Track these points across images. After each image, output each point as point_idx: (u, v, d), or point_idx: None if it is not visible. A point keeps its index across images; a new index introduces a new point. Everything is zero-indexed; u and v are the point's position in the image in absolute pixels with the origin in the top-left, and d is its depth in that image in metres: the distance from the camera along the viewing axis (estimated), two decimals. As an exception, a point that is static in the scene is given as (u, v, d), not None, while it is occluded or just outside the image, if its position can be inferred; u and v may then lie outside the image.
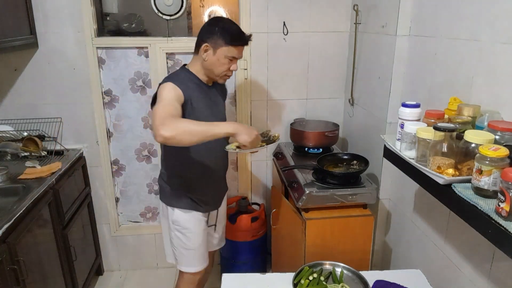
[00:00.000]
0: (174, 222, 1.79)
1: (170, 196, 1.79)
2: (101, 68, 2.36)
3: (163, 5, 2.32)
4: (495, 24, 1.24)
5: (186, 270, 1.86)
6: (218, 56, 1.63)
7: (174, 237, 1.82)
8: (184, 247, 1.81)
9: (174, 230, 1.81)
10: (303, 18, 2.36)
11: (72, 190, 2.24)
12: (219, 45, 1.61)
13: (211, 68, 1.66)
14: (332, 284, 1.38)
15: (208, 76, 1.72)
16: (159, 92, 1.56)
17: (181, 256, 1.85)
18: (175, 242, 1.83)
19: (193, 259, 1.85)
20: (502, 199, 0.91)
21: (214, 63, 1.64)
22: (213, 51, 1.62)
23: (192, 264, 1.86)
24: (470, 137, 1.07)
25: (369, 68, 2.14)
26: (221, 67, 1.65)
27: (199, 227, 1.82)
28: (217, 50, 1.62)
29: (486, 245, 1.28)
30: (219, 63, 1.64)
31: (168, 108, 1.45)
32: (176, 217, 1.78)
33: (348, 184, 1.86)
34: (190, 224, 1.79)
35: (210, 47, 1.62)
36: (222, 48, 1.61)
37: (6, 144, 2.19)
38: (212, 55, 1.63)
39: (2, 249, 1.47)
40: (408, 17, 1.77)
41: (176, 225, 1.79)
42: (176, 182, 1.78)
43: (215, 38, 1.61)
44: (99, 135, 2.44)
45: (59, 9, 2.20)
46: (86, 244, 2.45)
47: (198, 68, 1.69)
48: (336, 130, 2.31)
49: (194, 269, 1.86)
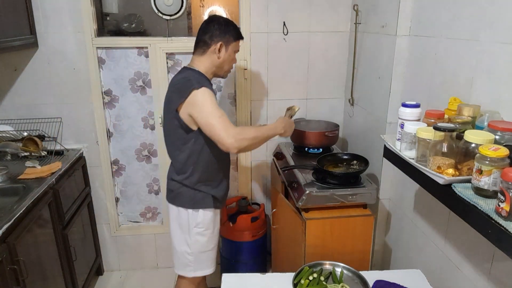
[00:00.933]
0: (198, 224, 1.76)
1: (194, 198, 1.74)
2: (101, 68, 2.36)
3: (163, 5, 2.32)
4: (495, 24, 1.24)
5: (201, 274, 1.85)
6: (229, 52, 1.72)
7: (194, 242, 1.78)
8: (202, 250, 1.80)
9: (195, 235, 1.77)
10: (303, 18, 2.36)
11: (72, 190, 2.24)
12: (230, 42, 1.71)
13: (222, 65, 1.74)
14: (332, 284, 1.38)
15: (215, 73, 1.77)
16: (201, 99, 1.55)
17: (197, 261, 1.82)
18: (194, 247, 1.79)
19: (208, 261, 1.85)
20: (502, 199, 0.91)
21: (226, 60, 1.73)
22: (226, 48, 1.70)
23: (206, 266, 1.86)
24: (470, 137, 1.07)
25: (369, 68, 2.14)
26: (231, 62, 1.77)
27: (217, 224, 1.86)
28: (229, 46, 1.71)
29: (486, 245, 1.28)
30: (230, 58, 1.74)
31: (224, 119, 1.54)
32: (200, 219, 1.75)
33: (348, 184, 1.86)
34: (212, 223, 1.80)
35: (224, 45, 1.69)
36: (232, 44, 1.72)
37: (6, 144, 2.19)
38: (225, 52, 1.71)
39: (2, 249, 1.47)
40: (408, 17, 1.77)
41: (199, 228, 1.76)
42: (201, 181, 1.73)
43: (226, 36, 1.69)
44: (99, 135, 2.44)
45: (59, 9, 2.20)
46: (86, 244, 2.45)
47: (207, 67, 1.71)
48: (336, 130, 2.31)
49: (209, 271, 1.87)
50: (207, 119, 1.54)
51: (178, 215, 1.78)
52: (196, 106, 1.56)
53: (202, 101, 1.55)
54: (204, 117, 1.55)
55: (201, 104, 1.55)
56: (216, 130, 1.52)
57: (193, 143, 1.66)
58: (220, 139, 1.52)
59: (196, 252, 1.80)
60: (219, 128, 1.52)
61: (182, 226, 1.78)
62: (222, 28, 1.68)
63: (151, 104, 2.45)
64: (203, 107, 1.55)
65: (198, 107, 1.56)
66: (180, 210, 1.77)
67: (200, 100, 1.55)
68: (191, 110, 1.57)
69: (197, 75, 1.66)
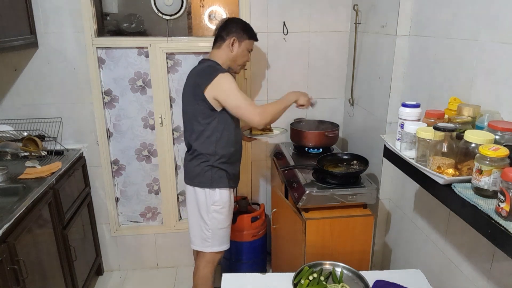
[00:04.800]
0: (215, 202, 1.91)
1: (212, 178, 1.90)
2: (101, 68, 2.36)
3: (163, 5, 2.32)
4: (495, 24, 1.24)
5: (219, 249, 1.99)
6: (242, 48, 1.91)
7: (211, 219, 1.93)
8: (219, 227, 1.95)
9: (212, 212, 1.92)
10: (303, 18, 2.36)
11: (72, 190, 2.24)
12: (243, 39, 1.90)
13: (236, 59, 1.92)
14: (332, 284, 1.38)
15: (229, 67, 1.94)
16: (227, 83, 1.77)
17: (215, 237, 1.96)
18: (211, 224, 1.93)
19: (225, 237, 2.00)
20: (502, 199, 0.91)
21: (239, 54, 1.91)
22: (238, 44, 1.89)
23: (224, 242, 2.00)
24: (470, 137, 1.07)
25: (369, 68, 2.14)
26: (243, 58, 1.95)
27: (232, 202, 2.01)
28: (242, 43, 1.90)
29: (486, 245, 1.28)
30: (242, 54, 1.92)
31: (249, 101, 1.80)
32: (216, 198, 1.91)
33: (348, 184, 1.86)
34: (228, 201, 1.95)
35: (237, 40, 1.88)
36: (245, 41, 1.91)
37: (6, 144, 2.19)
38: (238, 47, 1.89)
39: (2, 249, 1.47)
40: (408, 17, 1.77)
41: (216, 206, 1.91)
42: (222, 159, 1.90)
43: (240, 33, 1.88)
44: (99, 135, 2.44)
45: (59, 9, 2.20)
46: (86, 244, 2.45)
47: (223, 60, 1.90)
48: (336, 130, 2.31)
49: (224, 247, 2.01)
50: (236, 102, 1.77)
51: (195, 195, 1.94)
52: (222, 90, 1.77)
53: (228, 86, 1.77)
54: (232, 100, 1.77)
55: (227, 88, 1.77)
56: (245, 111, 1.78)
57: (217, 122, 1.84)
58: (250, 118, 1.78)
59: (214, 229, 1.95)
60: (247, 109, 1.78)
61: (200, 205, 1.93)
62: (238, 27, 1.89)
63: (151, 104, 2.45)
64: (229, 91, 1.77)
65: (224, 91, 1.77)
66: (196, 190, 1.92)
67: (226, 84, 1.77)
68: (217, 93, 1.77)
69: (217, 65, 1.87)
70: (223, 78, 1.77)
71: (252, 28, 1.95)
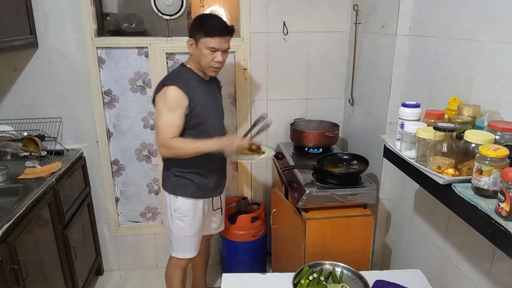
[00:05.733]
0: (176, 210, 1.89)
1: (174, 184, 1.88)
2: (101, 68, 2.36)
3: (163, 5, 2.32)
4: (495, 24, 1.24)
5: (181, 256, 1.98)
6: (200, 48, 1.72)
7: (173, 224, 1.92)
8: (182, 235, 1.93)
9: (174, 218, 1.91)
10: (303, 18, 2.36)
11: (72, 190, 2.24)
12: (198, 38, 1.71)
13: (198, 61, 1.76)
14: (332, 284, 1.38)
15: (200, 70, 1.81)
16: (164, 96, 1.69)
17: (177, 243, 1.96)
18: (174, 229, 1.93)
19: (188, 246, 1.96)
20: (502, 199, 0.91)
21: (198, 56, 1.74)
22: (195, 45, 1.74)
23: (188, 250, 1.97)
24: (470, 137, 1.07)
25: (369, 68, 2.14)
26: (205, 59, 1.74)
27: (199, 214, 1.93)
28: (198, 42, 1.72)
29: (486, 245, 1.28)
30: (202, 54, 1.73)
31: (166, 127, 1.68)
32: (178, 205, 1.88)
33: (348, 184, 1.86)
34: (191, 211, 1.90)
35: (193, 41, 1.74)
36: (201, 40, 1.71)
37: (6, 144, 2.19)
38: (195, 48, 1.74)
39: (2, 249, 1.47)
40: (408, 17, 1.77)
41: (177, 213, 1.89)
42: (181, 170, 1.86)
43: (195, 32, 1.72)
44: (99, 135, 2.44)
45: (59, 9, 2.20)
46: (86, 244, 2.45)
47: (194, 64, 1.80)
48: (336, 130, 2.31)
49: (187, 255, 1.98)
50: (156, 121, 1.72)
51: (165, 198, 1.94)
52: (157, 103, 1.72)
53: (162, 101, 1.70)
54: (156, 118, 1.72)
55: (159, 104, 1.71)
56: (156, 133, 1.72)
57: None
58: (156, 139, 1.73)
59: (177, 235, 1.94)
60: (158, 135, 1.71)
61: (167, 208, 1.94)
62: (193, 25, 1.75)
63: (151, 104, 2.42)
64: (159, 107, 1.71)
65: (157, 105, 1.72)
66: (165, 193, 1.92)
67: (161, 100, 1.70)
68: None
69: (183, 72, 1.79)
70: (163, 93, 1.69)
71: (212, 23, 1.71)
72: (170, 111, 1.69)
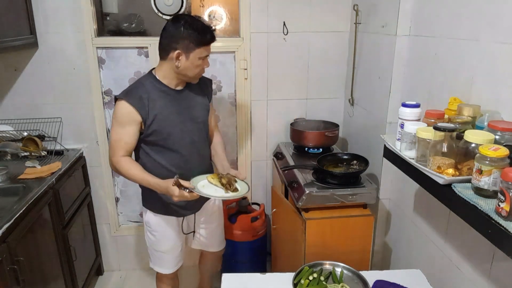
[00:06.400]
0: (146, 223, 1.85)
1: (144, 197, 1.83)
2: (101, 68, 2.36)
3: (163, 5, 2.32)
4: (495, 24, 1.24)
5: (156, 269, 1.93)
6: (191, 60, 1.56)
7: (146, 237, 1.89)
8: (154, 248, 1.88)
9: (146, 231, 1.87)
10: (303, 18, 2.36)
11: (72, 190, 2.24)
12: (191, 49, 1.53)
13: (185, 73, 1.60)
14: (332, 284, 1.38)
15: (180, 79, 1.65)
16: (115, 110, 1.61)
17: (153, 256, 1.92)
18: (147, 242, 1.89)
19: (162, 261, 1.90)
20: (502, 199, 0.91)
21: (188, 68, 1.57)
22: (185, 57, 1.54)
23: (161, 265, 1.91)
24: (470, 137, 1.07)
25: (369, 68, 2.14)
26: (196, 69, 1.60)
27: (170, 232, 1.83)
28: (190, 54, 1.54)
29: (486, 245, 1.28)
30: (193, 66, 1.57)
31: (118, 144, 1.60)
32: (147, 219, 1.83)
33: (348, 184, 1.86)
34: (160, 227, 1.82)
35: (183, 53, 1.54)
36: (194, 51, 1.54)
37: (6, 144, 2.19)
38: (185, 61, 1.55)
39: (2, 249, 1.47)
40: (408, 17, 1.77)
41: (148, 226, 1.85)
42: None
43: (185, 43, 1.52)
44: (99, 135, 2.44)
45: (59, 9, 2.20)
46: (86, 244, 2.45)
47: (165, 73, 1.62)
48: (336, 130, 2.31)
49: (163, 270, 1.91)
50: (110, 133, 1.64)
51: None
52: (113, 115, 1.63)
53: (114, 115, 1.60)
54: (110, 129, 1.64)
55: (113, 117, 1.61)
56: (109, 148, 1.65)
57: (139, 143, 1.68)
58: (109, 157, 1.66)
59: (149, 247, 1.90)
60: (109, 146, 1.65)
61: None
62: (181, 34, 1.51)
63: (151, 104, 2.44)
64: (112, 120, 1.62)
65: (112, 117, 1.63)
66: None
67: (114, 112, 1.61)
68: None
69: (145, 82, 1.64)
70: (116, 105, 1.59)
71: (202, 29, 1.53)
72: (119, 126, 1.58)
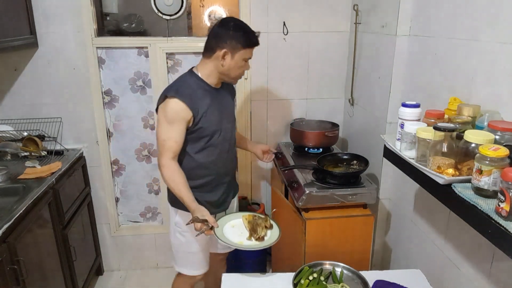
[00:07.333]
0: (176, 223, 1.80)
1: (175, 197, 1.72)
2: (101, 68, 2.36)
3: (163, 5, 2.32)
4: (495, 24, 1.24)
5: (184, 272, 1.87)
6: (236, 60, 1.61)
7: (174, 238, 1.83)
8: (183, 250, 1.83)
9: (175, 232, 1.81)
10: (303, 18, 2.36)
11: (72, 190, 2.24)
12: (237, 50, 1.59)
13: (228, 73, 1.65)
14: (332, 284, 1.38)
15: (221, 79, 1.70)
16: (164, 108, 1.58)
17: (180, 258, 1.86)
18: (175, 243, 1.84)
19: (191, 262, 1.86)
20: (502, 199, 0.91)
21: (232, 68, 1.63)
22: (231, 56, 1.60)
23: (190, 266, 1.86)
24: (470, 137, 1.07)
25: (369, 68, 2.14)
26: (239, 70, 1.65)
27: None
28: (235, 54, 1.60)
29: (486, 245, 1.28)
30: (237, 66, 1.63)
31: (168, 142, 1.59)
32: (178, 219, 1.79)
33: (348, 184, 1.86)
34: (191, 227, 1.73)
35: (229, 52, 1.59)
36: (240, 52, 1.60)
37: (6, 144, 2.19)
38: (230, 60, 1.60)
39: (2, 249, 1.47)
40: (408, 17, 1.77)
41: (178, 227, 1.80)
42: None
43: (233, 43, 1.58)
44: (99, 135, 2.44)
45: (59, 9, 2.20)
46: (86, 244, 2.45)
47: (208, 72, 1.66)
48: (336, 130, 2.31)
49: (191, 272, 1.87)
50: (157, 130, 1.64)
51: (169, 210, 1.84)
52: (160, 113, 1.61)
53: (164, 113, 1.59)
54: (157, 126, 1.64)
55: (162, 116, 1.60)
56: (158, 147, 1.65)
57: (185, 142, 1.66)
58: (158, 153, 1.65)
59: (177, 250, 1.85)
60: (158, 145, 1.64)
61: (170, 221, 1.85)
62: (231, 34, 1.58)
63: (151, 104, 2.44)
64: (161, 119, 1.60)
65: (159, 114, 1.61)
66: (169, 205, 1.82)
67: (162, 112, 1.60)
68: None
69: (189, 81, 1.65)
70: (165, 105, 1.58)
71: (250, 32, 1.63)
72: (169, 124, 1.59)
